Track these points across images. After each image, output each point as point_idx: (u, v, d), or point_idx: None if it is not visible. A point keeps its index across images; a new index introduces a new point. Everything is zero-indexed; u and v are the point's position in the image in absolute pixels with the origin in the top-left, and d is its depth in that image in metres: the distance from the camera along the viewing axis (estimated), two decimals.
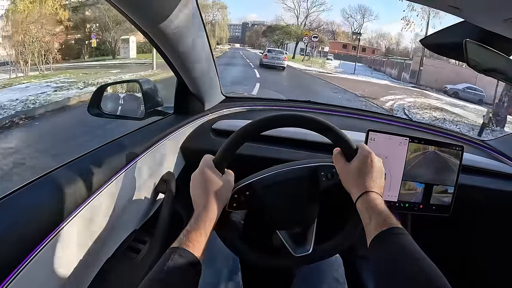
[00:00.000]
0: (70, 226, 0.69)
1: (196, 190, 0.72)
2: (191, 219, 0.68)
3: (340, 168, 0.76)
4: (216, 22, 38.97)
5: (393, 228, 0.60)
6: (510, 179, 1.35)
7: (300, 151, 1.21)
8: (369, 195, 0.68)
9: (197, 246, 0.63)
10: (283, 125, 0.77)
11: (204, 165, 0.73)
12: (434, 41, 0.95)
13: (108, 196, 0.82)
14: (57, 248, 0.67)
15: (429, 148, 1.06)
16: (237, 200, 0.78)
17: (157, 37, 0.89)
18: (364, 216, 0.66)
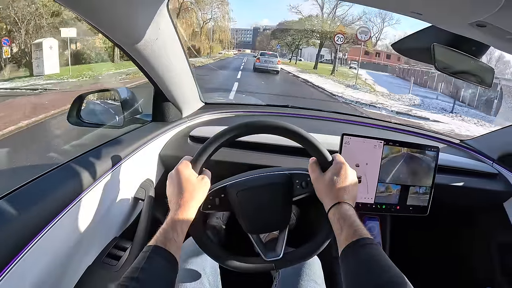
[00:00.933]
0: (49, 235, 0.69)
1: (172, 189, 0.72)
2: (167, 218, 0.68)
3: (314, 177, 0.77)
4: (216, 21, 33.26)
5: (363, 239, 0.61)
6: (488, 178, 1.37)
7: (275, 156, 1.22)
8: (341, 206, 0.69)
9: (173, 244, 0.63)
10: (262, 131, 0.78)
11: (181, 165, 0.74)
12: (405, 46, 0.97)
13: (87, 204, 0.82)
14: (37, 257, 0.66)
15: (405, 150, 1.07)
16: (211, 202, 0.79)
17: (129, 48, 0.90)
18: (336, 227, 0.67)
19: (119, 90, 1.30)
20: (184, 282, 0.89)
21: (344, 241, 0.63)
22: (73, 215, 0.77)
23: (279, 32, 33.31)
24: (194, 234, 0.76)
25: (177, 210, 0.68)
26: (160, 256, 0.61)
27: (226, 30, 35.98)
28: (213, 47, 34.69)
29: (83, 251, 0.83)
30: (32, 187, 0.74)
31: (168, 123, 1.27)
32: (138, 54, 0.93)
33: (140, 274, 0.57)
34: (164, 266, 0.60)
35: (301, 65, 27.74)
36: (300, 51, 32.73)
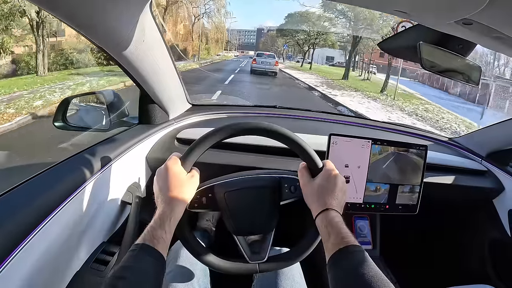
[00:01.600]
0: (35, 241, 0.67)
1: (160, 185, 0.70)
2: (155, 216, 0.67)
3: (303, 183, 0.76)
4: (210, 16, 28.23)
5: (351, 246, 0.61)
6: (477, 175, 1.38)
7: (264, 157, 1.21)
8: (329, 212, 0.68)
9: (161, 243, 0.62)
10: (255, 133, 0.77)
11: (170, 161, 0.72)
12: (392, 45, 0.96)
13: (73, 209, 0.80)
14: (23, 264, 0.65)
15: (393, 149, 1.07)
16: (198, 201, 0.78)
17: (113, 51, 0.88)
18: (323, 233, 0.66)
19: (105, 92, 1.29)
20: (173, 282, 0.88)
21: (331, 248, 0.62)
22: (60, 220, 0.75)
23: (288, 29, 27.62)
24: (177, 230, 0.74)
25: (165, 207, 0.67)
26: (148, 254, 0.60)
27: (222, 28, 31.80)
28: (210, 48, 32.58)
29: (71, 257, 0.82)
30: (16, 194, 0.73)
31: (155, 126, 1.25)
32: (122, 57, 0.92)
33: (128, 273, 0.56)
34: (152, 265, 0.59)
35: (320, 72, 22.62)
36: (312, 52, 28.74)
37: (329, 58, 26.48)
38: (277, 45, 35.37)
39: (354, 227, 1.33)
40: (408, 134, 1.55)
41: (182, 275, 0.91)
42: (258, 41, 53.32)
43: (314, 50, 27.58)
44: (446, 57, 0.88)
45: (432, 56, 0.87)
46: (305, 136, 1.06)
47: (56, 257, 0.75)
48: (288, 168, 1.11)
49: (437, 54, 0.87)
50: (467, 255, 1.55)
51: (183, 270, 0.93)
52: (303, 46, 27.03)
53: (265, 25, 58.67)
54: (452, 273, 1.56)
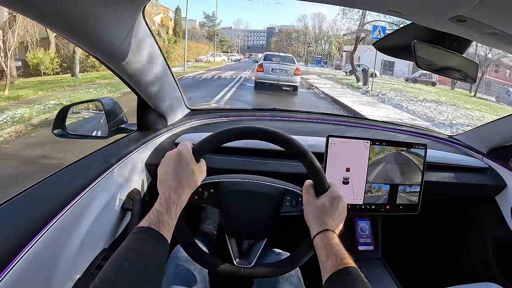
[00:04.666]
0: (36, 248, 0.67)
1: (168, 169, 0.70)
2: (160, 199, 0.66)
3: (306, 199, 0.76)
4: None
5: (350, 268, 0.61)
6: (479, 172, 1.37)
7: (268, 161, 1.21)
8: (328, 233, 0.69)
9: (166, 227, 0.62)
10: (272, 141, 0.76)
11: (182, 148, 0.72)
12: (386, 44, 0.96)
13: (74, 216, 0.80)
14: (25, 270, 0.64)
15: (392, 149, 1.07)
16: (200, 194, 0.79)
17: (107, 58, 0.88)
18: (321, 253, 0.67)
19: (103, 100, 1.29)
20: (172, 285, 0.88)
21: (329, 269, 0.62)
22: (60, 227, 0.75)
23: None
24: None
25: (172, 192, 0.67)
26: (154, 239, 0.59)
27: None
28: (170, 51, 26.09)
29: (72, 264, 0.81)
30: (16, 202, 0.73)
31: (153, 132, 1.25)
32: (117, 65, 0.92)
33: (135, 256, 0.56)
34: (157, 249, 0.59)
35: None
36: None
37: (386, 64, 19.40)
38: (297, 45, 30.58)
39: (355, 228, 1.32)
40: (407, 133, 1.54)
41: (181, 279, 0.91)
42: (269, 41, 48.28)
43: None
44: (441, 55, 0.87)
45: (427, 55, 0.87)
46: (303, 138, 1.05)
47: (57, 264, 0.75)
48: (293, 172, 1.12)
49: (432, 53, 0.86)
50: (470, 253, 1.53)
51: (182, 274, 0.93)
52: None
53: (276, 24, 53.25)
54: (455, 272, 1.55)
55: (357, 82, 17.65)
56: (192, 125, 1.41)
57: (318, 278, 0.66)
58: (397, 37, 0.92)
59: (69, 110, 1.29)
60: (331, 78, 21.34)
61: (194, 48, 32.47)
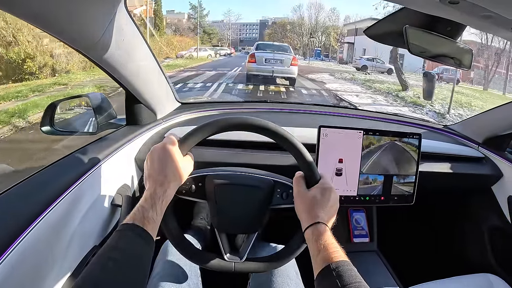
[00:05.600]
0: (22, 248, 0.65)
1: (154, 163, 0.68)
2: (145, 195, 0.64)
3: (297, 191, 0.74)
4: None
5: (340, 262, 0.59)
6: (475, 162, 1.36)
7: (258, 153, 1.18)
8: (320, 226, 0.66)
9: (151, 224, 0.61)
10: (262, 133, 0.74)
11: (167, 141, 0.70)
12: (378, 31, 0.94)
13: (61, 213, 0.78)
14: (11, 270, 0.62)
15: (385, 139, 1.05)
16: (187, 188, 0.77)
17: (89, 51, 0.85)
18: (313, 247, 0.65)
19: (91, 95, 1.27)
20: (162, 282, 0.86)
21: (321, 263, 0.60)
22: (48, 224, 0.73)
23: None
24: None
25: (158, 187, 0.65)
26: (139, 236, 0.58)
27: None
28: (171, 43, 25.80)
29: (62, 262, 0.79)
30: (3, 199, 0.71)
31: (142, 126, 1.22)
32: (100, 58, 0.89)
33: (119, 254, 0.55)
34: (142, 246, 0.58)
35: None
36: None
37: (396, 55, 16.63)
38: (292, 37, 28.37)
39: (350, 220, 1.31)
40: (402, 123, 1.53)
41: (171, 276, 0.90)
42: (262, 34, 45.87)
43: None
44: (434, 41, 0.85)
45: (420, 41, 0.85)
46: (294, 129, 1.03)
47: (46, 262, 0.73)
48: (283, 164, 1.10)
49: (425, 38, 0.84)
50: (466, 244, 1.53)
51: (172, 270, 0.91)
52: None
53: (269, 16, 50.81)
54: (452, 263, 1.55)
55: (403, 90, 12.57)
56: (182, 119, 1.38)
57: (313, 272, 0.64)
58: (389, 23, 0.90)
59: (57, 106, 1.27)
60: (351, 79, 16.68)
61: (176, 42, 28.46)
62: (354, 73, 19.02)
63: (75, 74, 13.61)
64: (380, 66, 22.00)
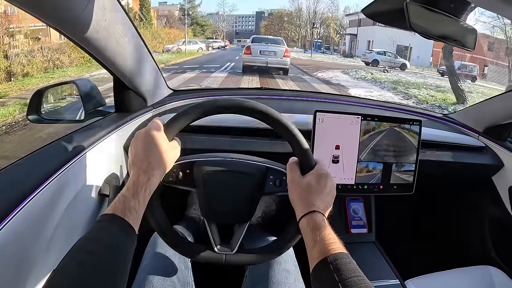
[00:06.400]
0: (4, 238, 0.61)
1: (137, 150, 0.64)
2: (128, 183, 0.61)
3: (291, 178, 0.69)
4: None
5: (337, 254, 0.55)
6: (475, 151, 1.33)
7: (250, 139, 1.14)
8: (316, 215, 0.62)
9: (133, 214, 0.57)
10: (251, 114, 0.70)
11: (152, 126, 0.66)
12: (376, 9, 0.89)
13: (45, 202, 0.74)
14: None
15: (385, 125, 1.01)
16: (174, 175, 0.73)
17: (68, 28, 0.80)
18: (308, 238, 0.61)
19: (78, 82, 1.22)
20: (150, 275, 0.83)
21: (317, 256, 0.56)
22: (27, 217, 0.68)
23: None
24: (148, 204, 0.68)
25: (140, 176, 0.61)
26: (117, 226, 0.55)
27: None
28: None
29: (44, 256, 0.75)
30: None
31: (132, 113, 1.18)
32: (85, 40, 0.84)
33: (97, 246, 0.51)
34: (121, 238, 0.54)
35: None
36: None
37: (401, 49, 16.02)
38: (289, 29, 27.88)
39: (347, 210, 1.27)
40: (400, 111, 1.49)
41: (160, 269, 0.86)
42: (258, 26, 44.97)
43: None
44: (437, 21, 0.81)
45: (421, 19, 0.80)
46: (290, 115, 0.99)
47: (28, 256, 0.70)
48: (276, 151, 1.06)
49: (427, 16, 0.80)
50: (466, 235, 1.51)
51: (161, 263, 0.88)
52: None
53: (265, 8, 50.72)
54: (451, 255, 1.53)
55: (459, 103, 9.61)
56: (174, 106, 1.34)
57: None
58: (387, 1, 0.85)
59: (43, 94, 1.23)
60: (373, 80, 13.98)
61: (164, 34, 26.20)
62: (372, 71, 16.28)
63: (32, 78, 11.64)
64: (392, 60, 19.48)
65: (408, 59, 16.05)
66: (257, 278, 0.87)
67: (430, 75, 16.68)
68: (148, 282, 0.81)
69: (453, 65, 10.46)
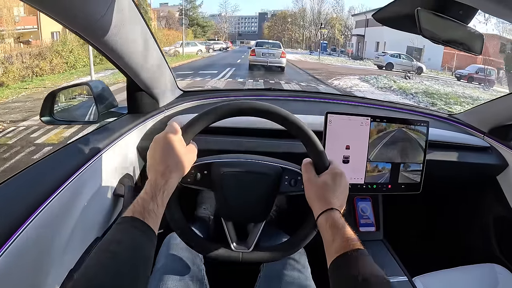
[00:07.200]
0: (22, 239, 0.63)
1: (155, 154, 0.66)
2: (146, 186, 0.62)
3: (307, 178, 0.72)
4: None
5: (356, 251, 0.57)
6: (480, 151, 1.35)
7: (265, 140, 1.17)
8: (333, 213, 0.65)
9: (152, 217, 0.58)
10: (268, 117, 0.72)
11: (170, 130, 0.68)
12: (387, 15, 0.91)
13: (62, 204, 0.76)
14: (11, 263, 0.60)
15: (393, 127, 1.03)
16: (192, 176, 0.75)
17: (88, 33, 0.83)
18: (327, 234, 0.63)
19: (92, 83, 1.24)
20: (165, 275, 0.85)
21: (335, 251, 0.58)
22: (48, 216, 0.71)
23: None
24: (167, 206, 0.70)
25: (158, 179, 0.62)
26: (137, 228, 0.55)
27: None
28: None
29: (63, 254, 0.77)
30: (1, 190, 0.69)
31: (144, 114, 1.20)
32: (100, 41, 0.86)
33: (119, 248, 0.52)
34: (141, 240, 0.55)
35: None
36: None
37: (412, 51, 15.47)
38: (293, 30, 27.39)
39: (356, 209, 1.29)
40: (407, 111, 1.51)
41: (174, 269, 0.88)
42: (261, 27, 44.80)
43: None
44: (446, 25, 0.83)
45: (431, 25, 0.83)
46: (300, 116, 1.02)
47: (48, 255, 0.71)
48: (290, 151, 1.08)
49: (437, 22, 0.82)
50: (472, 234, 1.53)
51: (175, 264, 0.90)
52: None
53: (268, 9, 48.94)
54: (457, 253, 1.54)
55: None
56: (184, 107, 1.36)
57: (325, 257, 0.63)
58: (399, 5, 0.87)
59: (56, 95, 1.25)
60: (398, 90, 12.63)
61: (162, 36, 24.97)
62: (394, 77, 14.65)
63: (6, 89, 10.51)
64: (408, 64, 17.89)
65: (420, 62, 15.54)
66: (270, 277, 0.89)
67: (450, 80, 15.77)
68: (163, 283, 0.83)
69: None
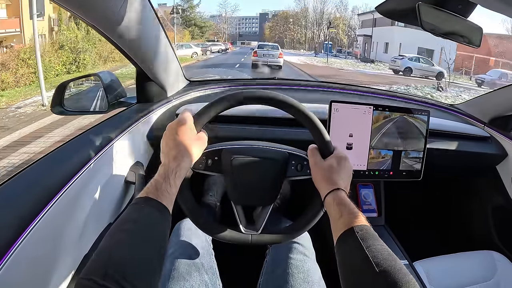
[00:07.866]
0: (41, 225, 0.66)
1: (169, 141, 0.69)
2: (159, 170, 0.65)
3: (314, 162, 0.76)
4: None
5: (363, 226, 0.60)
6: (480, 141, 1.38)
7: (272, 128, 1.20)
8: (340, 192, 0.68)
9: (166, 196, 0.60)
10: (276, 105, 0.76)
11: (182, 118, 0.71)
12: (389, 7, 0.94)
13: (77, 191, 0.80)
14: (31, 247, 0.64)
15: (395, 115, 1.06)
16: (203, 162, 0.78)
17: (104, 25, 0.86)
18: (334, 211, 0.65)
19: (101, 74, 1.28)
20: (177, 259, 0.88)
21: (342, 227, 0.61)
22: (64, 204, 0.74)
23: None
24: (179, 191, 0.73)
25: (170, 162, 0.66)
26: (151, 206, 0.58)
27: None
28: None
29: (78, 240, 0.81)
30: (17, 181, 0.72)
31: (153, 104, 1.23)
32: (115, 33, 0.90)
33: (130, 225, 0.54)
34: (156, 217, 0.57)
35: None
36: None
37: (423, 52, 14.73)
38: (295, 29, 26.45)
39: (358, 195, 1.33)
40: (409, 101, 1.54)
41: (185, 256, 0.91)
42: (262, 28, 44.21)
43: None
44: (446, 19, 0.86)
45: (431, 18, 0.85)
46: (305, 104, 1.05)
47: (62, 241, 0.75)
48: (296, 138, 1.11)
49: (437, 16, 0.85)
50: (471, 221, 1.56)
51: (185, 250, 0.93)
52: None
53: (269, 9, 48.35)
54: (457, 240, 1.58)
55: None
56: (192, 96, 1.39)
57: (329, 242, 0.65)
58: None
59: (67, 86, 1.27)
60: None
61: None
62: (424, 89, 12.45)
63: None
64: (428, 69, 16.30)
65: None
66: (277, 261, 0.93)
67: (474, 87, 14.22)
68: (174, 269, 0.86)
69: None
